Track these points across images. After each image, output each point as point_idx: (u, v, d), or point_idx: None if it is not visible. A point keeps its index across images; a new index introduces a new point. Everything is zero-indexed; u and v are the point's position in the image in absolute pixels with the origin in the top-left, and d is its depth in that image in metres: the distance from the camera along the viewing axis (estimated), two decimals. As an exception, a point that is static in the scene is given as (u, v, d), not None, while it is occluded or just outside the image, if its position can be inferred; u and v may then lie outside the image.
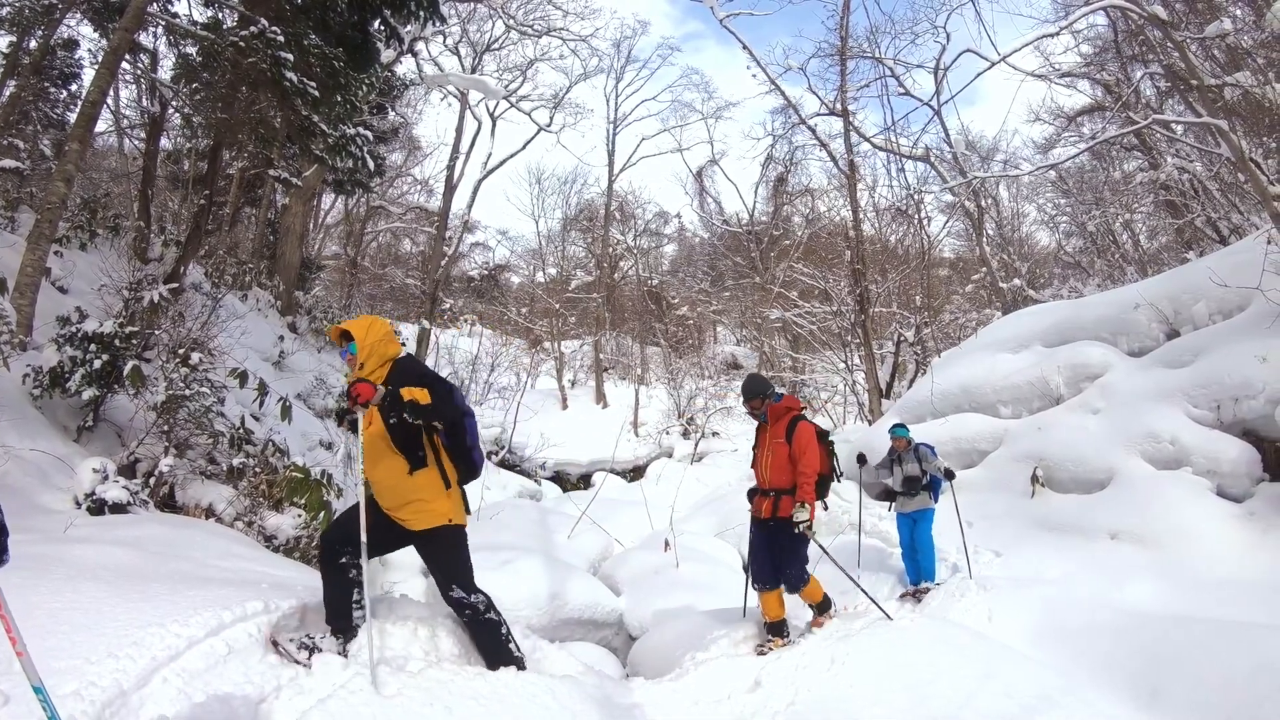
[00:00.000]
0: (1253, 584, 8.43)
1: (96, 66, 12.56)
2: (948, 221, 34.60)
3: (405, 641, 5.11)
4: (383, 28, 15.46)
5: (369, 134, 16.78)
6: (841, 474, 8.39)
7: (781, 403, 7.99)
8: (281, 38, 12.43)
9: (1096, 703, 6.02)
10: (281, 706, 4.12)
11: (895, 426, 11.01)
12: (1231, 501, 9.90)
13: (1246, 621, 7.18)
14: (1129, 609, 8.11)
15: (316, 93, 12.97)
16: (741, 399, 8.32)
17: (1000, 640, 7.46)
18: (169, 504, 9.42)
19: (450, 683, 4.59)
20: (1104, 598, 8.58)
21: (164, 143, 21.48)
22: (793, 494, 7.49)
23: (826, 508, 9.46)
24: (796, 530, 7.23)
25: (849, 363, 26.97)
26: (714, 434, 28.03)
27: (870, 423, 21.66)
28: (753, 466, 8.16)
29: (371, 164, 17.45)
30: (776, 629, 7.52)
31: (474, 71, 31.36)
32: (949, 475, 10.53)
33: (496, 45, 32.98)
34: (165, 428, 9.88)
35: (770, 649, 7.14)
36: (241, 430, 10.81)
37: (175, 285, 12.76)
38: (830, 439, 8.14)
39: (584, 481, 25.29)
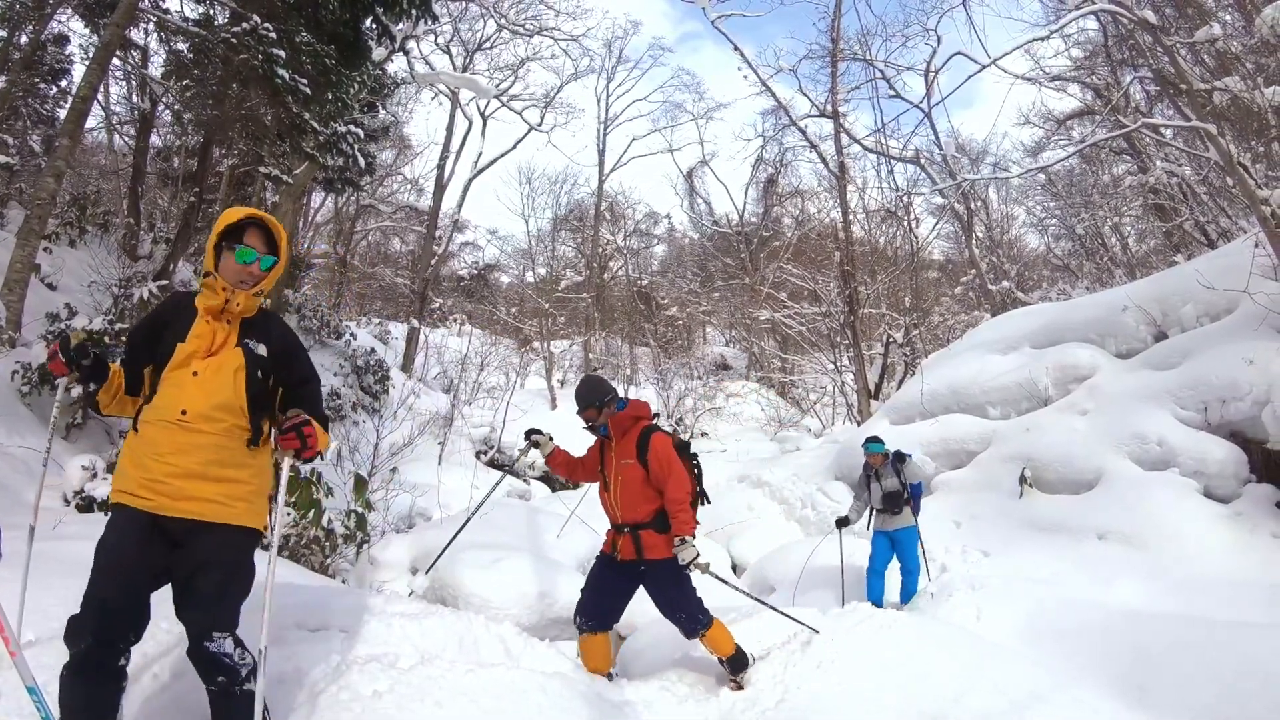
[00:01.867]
0: (1240, 584, 8.48)
1: (87, 62, 12.52)
2: (937, 224, 34.80)
3: (397, 638, 5.10)
4: (374, 25, 15.43)
5: (359, 131, 16.77)
6: (709, 500, 7.04)
7: (626, 411, 6.53)
8: (274, 34, 12.41)
9: (1086, 699, 6.04)
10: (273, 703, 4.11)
11: (869, 441, 10.48)
12: (1219, 502, 9.96)
13: (1233, 621, 7.24)
14: (1117, 608, 8.15)
15: (308, 90, 12.97)
16: (577, 409, 6.67)
17: (990, 638, 7.49)
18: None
19: (441, 679, 4.58)
20: (1092, 597, 8.60)
21: (154, 140, 21.46)
22: (659, 529, 6.15)
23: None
24: (687, 570, 5.95)
25: (838, 364, 27.04)
26: (703, 434, 28.01)
27: (859, 423, 21.74)
28: (601, 494, 6.75)
29: (362, 162, 17.44)
30: None
31: (465, 70, 31.37)
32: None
33: (488, 44, 33.08)
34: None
35: None
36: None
37: (165, 282, 12.75)
38: (694, 453, 6.84)
39: (573, 482, 25.23)
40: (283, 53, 12.51)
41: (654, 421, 6.71)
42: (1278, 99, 10.42)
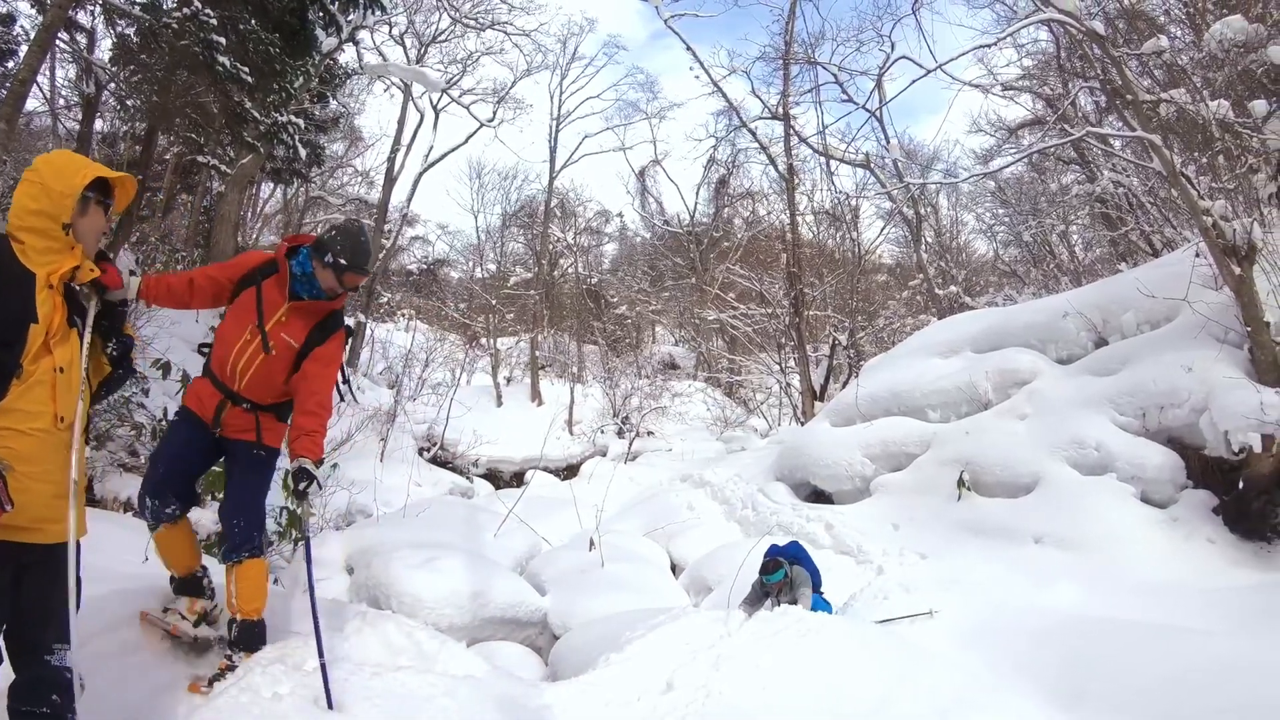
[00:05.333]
0: (1175, 588, 8.50)
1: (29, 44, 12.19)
2: (884, 228, 34.97)
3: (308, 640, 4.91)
4: (322, 15, 15.19)
5: (301, 122, 16.49)
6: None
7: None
8: (215, 20, 12.14)
9: (1016, 705, 6.01)
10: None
11: (768, 570, 9.17)
12: (1155, 507, 9.98)
13: (1168, 625, 7.25)
14: (1053, 612, 8.14)
15: (250, 79, 12.71)
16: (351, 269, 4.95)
17: (919, 643, 7.44)
18: (86, 498, 9.10)
19: (345, 681, 4.42)
20: (1028, 600, 8.61)
21: (99, 125, 21.02)
22: (277, 413, 5.06)
23: None
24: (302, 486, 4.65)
25: (784, 365, 27.09)
26: (649, 433, 27.98)
27: (802, 423, 21.78)
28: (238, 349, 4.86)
29: (304, 152, 17.15)
30: (188, 586, 5.11)
31: (419, 64, 31.07)
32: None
33: (442, 38, 32.69)
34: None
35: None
36: (163, 422, 10.47)
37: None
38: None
39: (517, 479, 25.06)
40: (224, 39, 12.26)
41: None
42: (1222, 112, 10.49)
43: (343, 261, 4.84)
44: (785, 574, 9.06)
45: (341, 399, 5.24)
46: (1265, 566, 8.89)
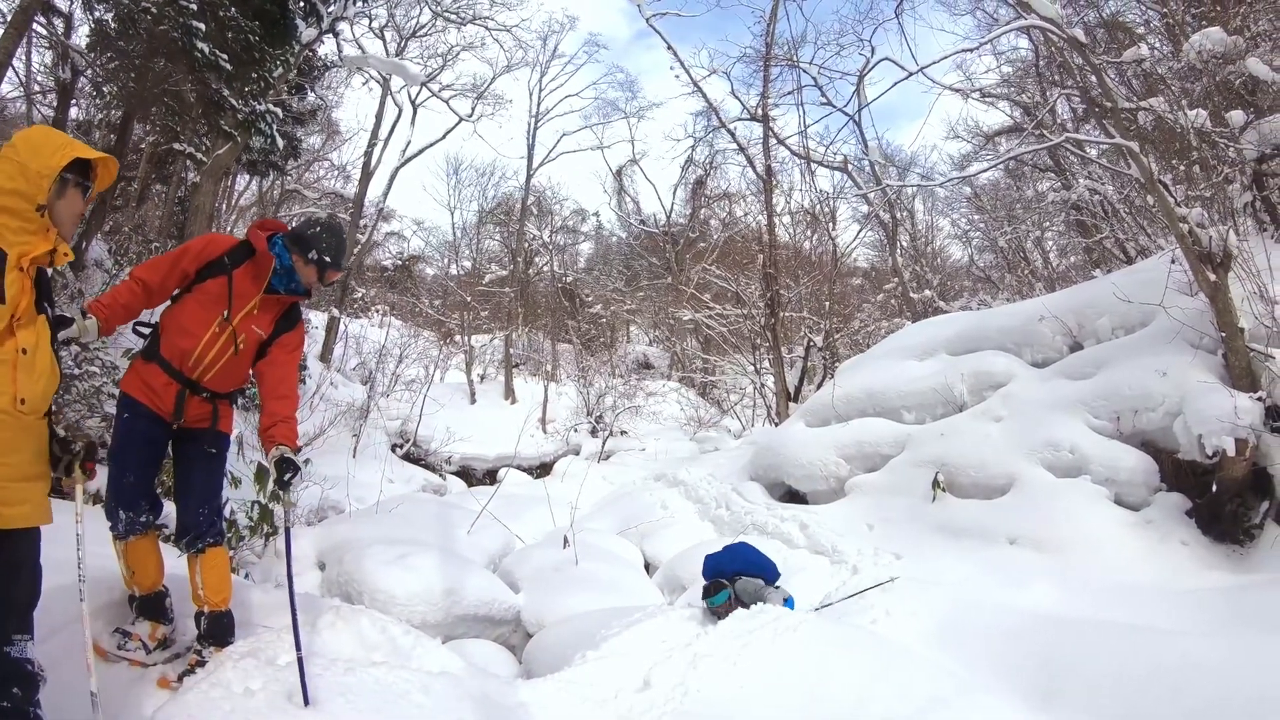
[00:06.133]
0: (1148, 589, 8.53)
1: (4, 27, 12.00)
2: (861, 230, 35.03)
3: (281, 635, 4.84)
4: (303, 4, 15.10)
5: (279, 112, 16.35)
6: None
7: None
8: (195, 6, 12.03)
9: (990, 705, 6.02)
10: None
11: (709, 593, 8.57)
12: (1129, 510, 9.99)
13: (1142, 626, 7.27)
14: (1027, 613, 8.15)
15: (229, 66, 12.60)
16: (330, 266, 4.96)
17: (897, 641, 7.44)
18: (55, 490, 8.97)
19: (318, 677, 4.36)
20: (1002, 601, 8.62)
21: (74, 112, 20.76)
22: (231, 399, 5.01)
23: None
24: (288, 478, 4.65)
25: (758, 366, 27.11)
26: (622, 432, 27.98)
27: (777, 424, 21.80)
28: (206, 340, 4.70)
29: (281, 143, 17.01)
30: (152, 608, 4.94)
31: (399, 57, 30.90)
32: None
33: (423, 32, 32.53)
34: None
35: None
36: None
37: (75, 260, 12.27)
38: None
39: (490, 477, 24.99)
40: (203, 25, 12.15)
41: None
42: (1200, 121, 10.56)
43: (328, 259, 4.88)
44: (729, 595, 8.50)
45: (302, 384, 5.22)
46: (1238, 569, 8.93)
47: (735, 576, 8.82)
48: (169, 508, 4.91)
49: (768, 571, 9.09)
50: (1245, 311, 9.77)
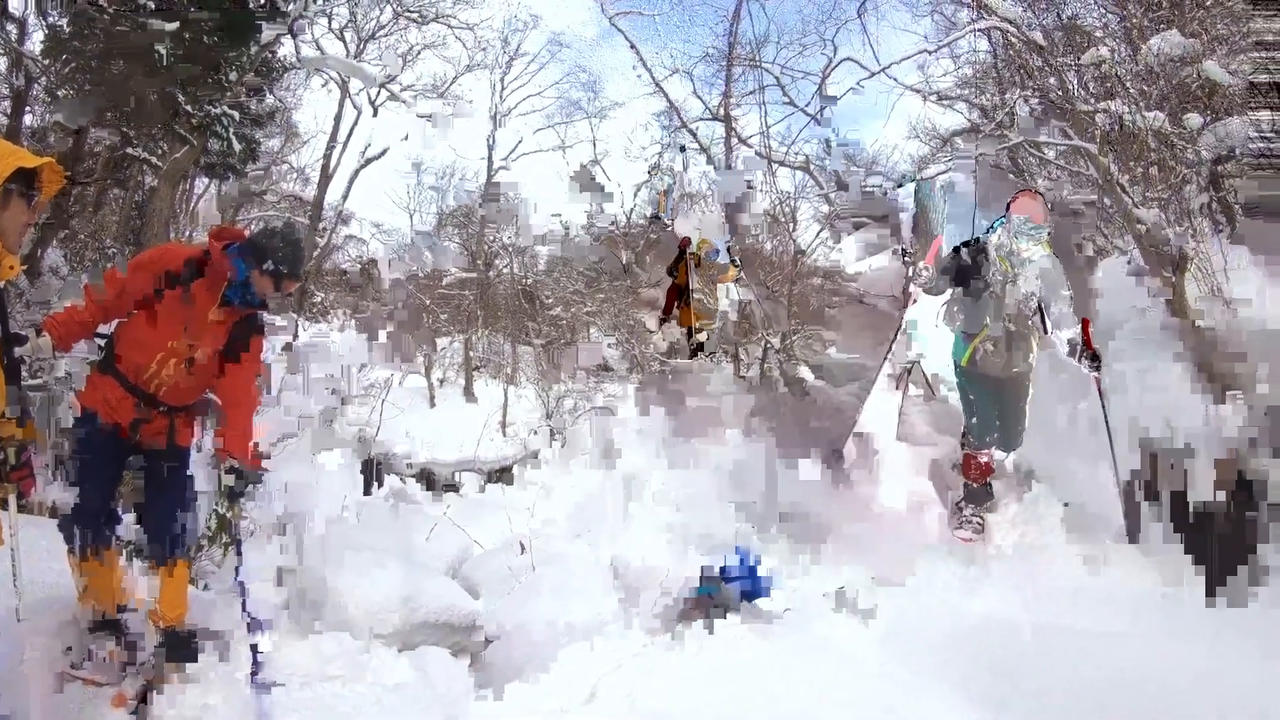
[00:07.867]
0: (1104, 594, 8.55)
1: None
2: (821, 230, 35.15)
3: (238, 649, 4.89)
4: (264, 2, 15.04)
5: (235, 115, 16.29)
6: None
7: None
8: (153, 4, 11.95)
9: (940, 713, 6.08)
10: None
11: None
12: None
13: (1097, 631, 7.26)
14: (979, 617, 8.16)
15: (187, 67, 12.53)
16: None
17: (852, 651, 7.49)
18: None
19: (275, 692, 4.41)
20: (955, 605, 8.68)
21: (29, 120, 20.53)
22: (189, 412, 5.09)
23: None
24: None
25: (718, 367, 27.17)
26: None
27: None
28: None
29: (237, 146, 16.95)
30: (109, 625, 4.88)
31: (359, 59, 30.76)
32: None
33: (383, 33, 32.40)
34: None
35: None
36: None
37: (28, 268, 12.19)
38: None
39: (450, 482, 24.97)
40: (164, 25, 12.06)
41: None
42: (1158, 123, 10.74)
43: (284, 270, 4.78)
44: (714, 592, 8.64)
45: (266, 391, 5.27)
46: (1197, 573, 9.05)
47: (732, 580, 9.06)
48: (128, 518, 4.93)
49: (759, 588, 9.26)
50: (1200, 311, 9.96)
